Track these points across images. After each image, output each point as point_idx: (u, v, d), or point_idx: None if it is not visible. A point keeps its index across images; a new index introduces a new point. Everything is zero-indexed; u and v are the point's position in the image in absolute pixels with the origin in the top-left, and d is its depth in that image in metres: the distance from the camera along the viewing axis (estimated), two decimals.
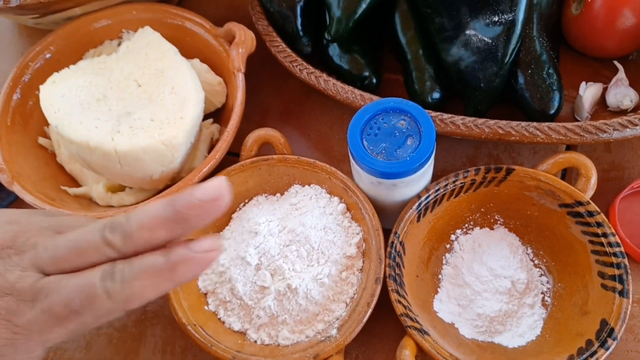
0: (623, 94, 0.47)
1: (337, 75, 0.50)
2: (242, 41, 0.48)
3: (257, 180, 0.45)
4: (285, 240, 0.41)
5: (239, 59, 0.48)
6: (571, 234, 0.40)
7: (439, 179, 0.41)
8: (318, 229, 0.41)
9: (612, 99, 0.47)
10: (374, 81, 0.49)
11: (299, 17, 0.50)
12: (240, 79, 0.48)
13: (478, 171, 0.41)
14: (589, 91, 0.47)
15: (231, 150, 0.46)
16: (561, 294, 0.40)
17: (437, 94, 0.47)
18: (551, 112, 0.44)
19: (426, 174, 0.40)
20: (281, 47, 0.50)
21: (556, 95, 0.44)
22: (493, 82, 0.45)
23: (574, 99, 0.48)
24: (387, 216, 0.42)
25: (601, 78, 0.49)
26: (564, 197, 0.40)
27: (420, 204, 0.41)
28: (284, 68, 0.50)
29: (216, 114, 0.51)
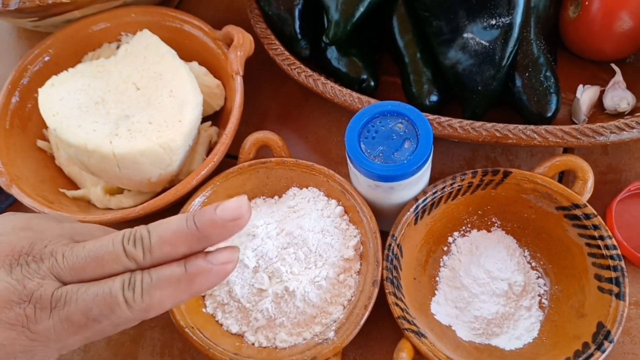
0: (620, 96, 0.47)
1: (335, 78, 0.50)
2: (241, 44, 0.48)
3: (255, 183, 0.45)
4: (283, 243, 0.41)
5: (237, 61, 0.48)
6: (568, 236, 0.40)
7: (436, 181, 0.42)
8: (316, 231, 0.41)
9: (610, 102, 0.47)
10: (372, 84, 0.49)
11: (297, 20, 0.50)
12: (238, 82, 0.48)
13: (475, 174, 0.41)
14: (586, 94, 0.48)
15: (229, 153, 0.46)
16: (558, 296, 0.40)
17: (434, 97, 0.47)
18: (548, 115, 0.44)
19: (423, 176, 0.40)
20: (279, 50, 0.51)
21: (553, 98, 0.44)
22: (490, 85, 0.45)
23: (571, 102, 0.49)
24: (384, 219, 0.42)
25: (598, 81, 0.49)
26: (561, 199, 0.40)
27: (417, 207, 0.41)
28: (282, 71, 0.51)
29: (214, 117, 0.51)
